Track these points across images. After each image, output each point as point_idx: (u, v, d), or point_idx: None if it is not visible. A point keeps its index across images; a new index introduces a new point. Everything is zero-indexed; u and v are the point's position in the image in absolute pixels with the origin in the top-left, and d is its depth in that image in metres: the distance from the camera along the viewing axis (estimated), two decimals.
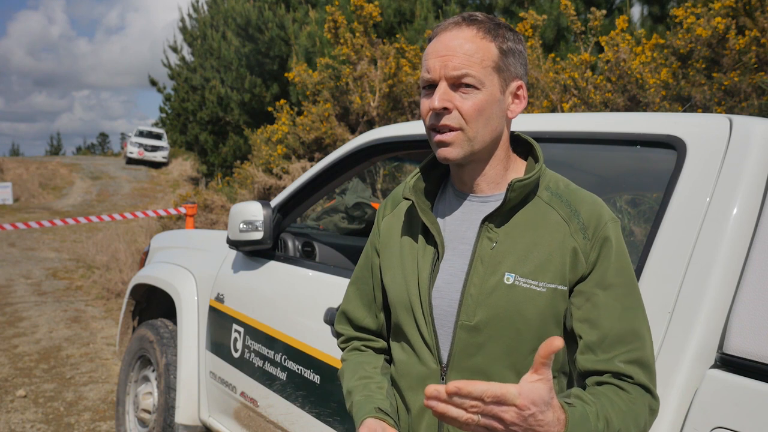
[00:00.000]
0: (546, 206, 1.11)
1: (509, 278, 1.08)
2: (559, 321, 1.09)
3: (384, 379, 1.22)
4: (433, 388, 0.84)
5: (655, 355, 1.29)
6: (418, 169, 1.21)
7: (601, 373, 1.06)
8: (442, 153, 1.10)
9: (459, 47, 1.07)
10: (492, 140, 1.11)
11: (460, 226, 1.16)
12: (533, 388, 0.84)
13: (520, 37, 1.14)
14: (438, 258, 1.15)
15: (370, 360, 1.27)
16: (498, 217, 1.11)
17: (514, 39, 1.12)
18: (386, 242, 1.26)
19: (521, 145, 1.21)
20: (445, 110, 1.07)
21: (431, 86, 1.11)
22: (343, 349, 1.35)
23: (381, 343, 1.31)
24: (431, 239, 1.16)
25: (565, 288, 1.07)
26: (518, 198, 1.10)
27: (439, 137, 1.09)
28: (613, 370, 1.05)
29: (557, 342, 0.83)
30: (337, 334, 1.37)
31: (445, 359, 1.13)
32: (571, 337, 1.10)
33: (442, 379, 1.12)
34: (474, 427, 0.85)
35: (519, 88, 1.13)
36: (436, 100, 1.07)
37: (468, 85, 1.06)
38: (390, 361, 1.29)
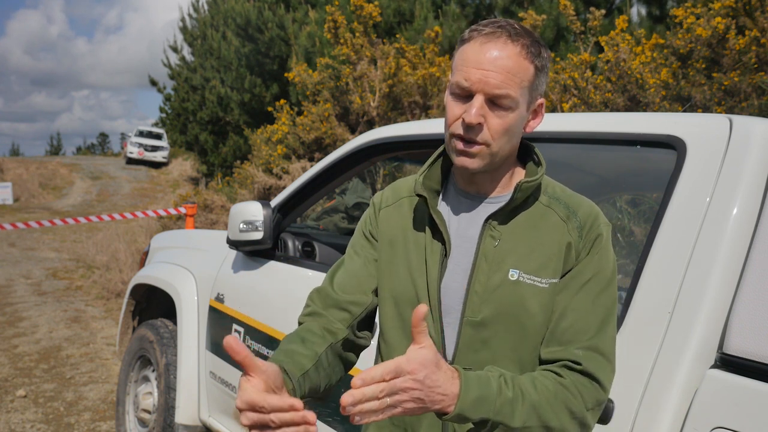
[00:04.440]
0: (545, 208, 1.15)
1: (514, 275, 1.10)
2: None
3: (313, 357, 1.12)
4: (347, 395, 0.87)
5: (656, 354, 1.29)
6: (426, 167, 1.21)
7: (553, 362, 1.09)
8: (463, 162, 1.11)
9: (503, 65, 1.05)
10: (510, 153, 1.15)
11: (464, 224, 1.18)
12: (418, 354, 0.92)
13: (549, 52, 1.14)
14: (446, 255, 1.16)
15: (316, 340, 1.16)
16: (501, 216, 1.14)
17: (547, 56, 1.12)
18: (385, 233, 1.25)
19: (519, 149, 1.22)
20: (479, 125, 1.07)
21: (463, 93, 1.09)
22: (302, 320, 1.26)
23: (342, 333, 1.21)
24: (438, 236, 1.17)
25: (556, 281, 1.11)
26: (522, 198, 1.13)
27: (463, 147, 1.09)
28: (565, 358, 1.07)
29: (422, 308, 0.91)
30: (305, 307, 1.28)
31: (450, 355, 1.14)
32: None
33: None
34: (388, 410, 0.91)
35: (540, 105, 1.15)
36: (473, 115, 1.05)
37: (503, 104, 1.06)
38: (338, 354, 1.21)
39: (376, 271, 1.25)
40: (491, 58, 1.05)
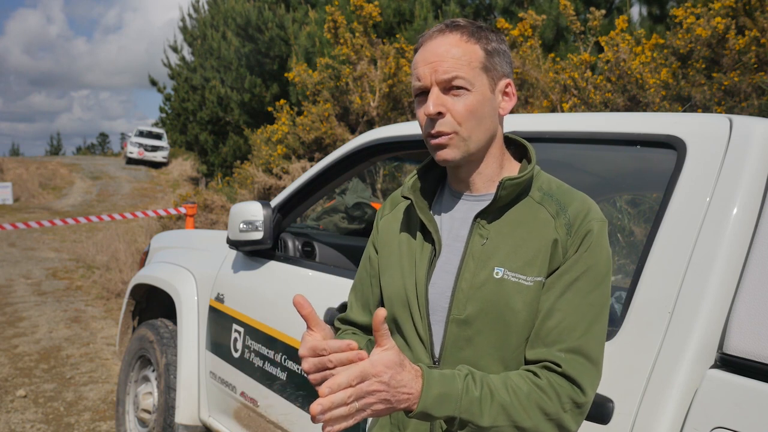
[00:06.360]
0: (537, 205, 1.14)
1: (498, 272, 1.10)
2: None
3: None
4: (316, 404, 0.89)
5: (656, 354, 1.29)
6: (416, 170, 1.24)
7: (537, 363, 1.08)
8: (441, 155, 1.13)
9: (446, 52, 1.10)
10: (487, 139, 1.14)
11: (455, 224, 1.19)
12: (382, 356, 0.94)
13: (502, 37, 1.17)
14: (435, 255, 1.17)
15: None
16: (489, 214, 1.14)
17: (497, 40, 1.15)
18: (384, 240, 1.29)
19: (516, 147, 1.23)
20: (440, 115, 1.10)
21: (423, 93, 1.14)
22: None
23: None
24: (429, 237, 1.19)
25: (542, 279, 1.09)
26: (509, 196, 1.13)
27: (435, 141, 1.12)
28: (547, 359, 1.06)
29: (381, 312, 0.93)
30: (334, 330, 1.40)
31: (437, 353, 1.15)
32: None
33: None
34: (357, 414, 0.93)
35: (507, 85, 1.17)
36: (431, 105, 1.09)
37: (459, 87, 1.10)
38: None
39: (377, 287, 1.31)
40: (436, 52, 1.11)
